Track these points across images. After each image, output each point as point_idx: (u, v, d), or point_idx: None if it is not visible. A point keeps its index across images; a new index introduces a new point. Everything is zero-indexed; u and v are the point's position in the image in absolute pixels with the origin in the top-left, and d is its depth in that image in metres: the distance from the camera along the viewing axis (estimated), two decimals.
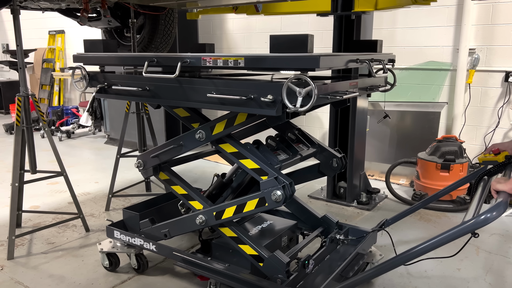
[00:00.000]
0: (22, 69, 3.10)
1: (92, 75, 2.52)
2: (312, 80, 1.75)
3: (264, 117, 2.11)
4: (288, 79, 1.80)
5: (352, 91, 2.21)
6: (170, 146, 2.48)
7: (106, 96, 2.57)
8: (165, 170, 2.63)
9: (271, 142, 2.59)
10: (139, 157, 2.67)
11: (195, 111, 2.47)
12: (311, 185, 4.72)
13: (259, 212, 2.29)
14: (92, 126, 7.51)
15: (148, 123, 4.10)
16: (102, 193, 4.47)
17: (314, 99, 1.75)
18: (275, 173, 2.14)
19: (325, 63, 1.81)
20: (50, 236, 3.42)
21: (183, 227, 2.62)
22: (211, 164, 5.60)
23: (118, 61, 2.51)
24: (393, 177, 4.66)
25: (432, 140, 4.40)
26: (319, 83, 1.89)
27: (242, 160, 2.25)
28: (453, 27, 4.74)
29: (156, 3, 3.79)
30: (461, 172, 4.03)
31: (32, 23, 9.02)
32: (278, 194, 2.08)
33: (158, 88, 2.28)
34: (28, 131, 3.20)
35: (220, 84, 2.06)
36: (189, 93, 2.16)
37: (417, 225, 3.68)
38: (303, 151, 2.63)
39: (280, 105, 1.87)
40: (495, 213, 1.52)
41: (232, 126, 2.23)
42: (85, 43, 2.63)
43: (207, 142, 2.34)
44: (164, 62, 2.21)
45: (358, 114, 4.07)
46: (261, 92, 1.91)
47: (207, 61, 2.06)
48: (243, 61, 1.95)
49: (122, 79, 2.46)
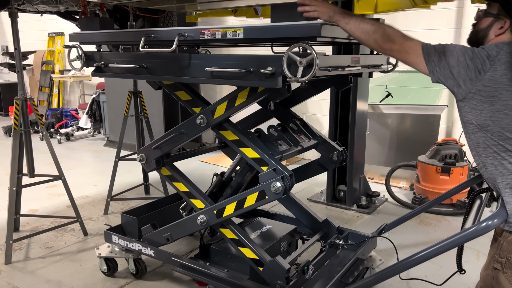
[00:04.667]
0: (20, 72, 3.09)
1: (88, 54, 2.47)
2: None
3: (266, 94, 2.03)
4: (289, 48, 1.74)
5: (354, 65, 2.17)
6: (172, 134, 2.41)
7: (103, 75, 2.50)
8: (167, 165, 2.57)
9: (272, 131, 2.54)
10: (140, 151, 2.60)
11: (196, 95, 2.40)
12: (311, 188, 4.70)
13: (259, 206, 2.25)
14: (91, 128, 7.49)
15: (146, 126, 4.08)
16: (101, 196, 4.45)
17: (315, 69, 1.69)
18: (275, 163, 2.09)
19: (327, 31, 1.75)
20: (48, 240, 3.40)
21: (185, 229, 2.58)
22: (210, 167, 5.58)
23: (114, 37, 2.44)
24: (393, 180, 4.65)
25: (432, 143, 4.38)
26: (320, 53, 1.83)
27: (242, 148, 2.21)
28: (453, 29, 4.73)
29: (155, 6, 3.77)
30: (462, 176, 4.01)
31: (31, 25, 9.00)
32: (278, 186, 2.04)
33: (156, 64, 2.22)
34: (26, 135, 3.19)
35: (218, 58, 2.02)
36: (187, 68, 2.11)
37: (417, 229, 3.66)
38: (304, 142, 2.60)
39: (280, 77, 1.82)
40: (497, 220, 1.51)
41: (233, 107, 2.16)
42: (81, 21, 2.57)
43: (209, 127, 2.27)
44: (162, 36, 2.14)
45: (358, 116, 4.06)
46: (261, 64, 1.86)
47: (205, 34, 2.00)
48: (242, 32, 1.89)
49: (119, 57, 2.41)
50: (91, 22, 2.53)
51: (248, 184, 2.70)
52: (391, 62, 2.68)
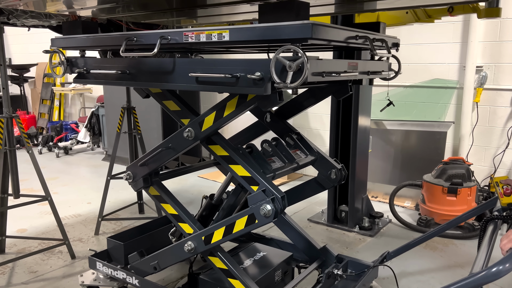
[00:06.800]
0: (6, 89, 2.98)
1: (70, 59, 2.35)
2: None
3: (255, 102, 1.88)
4: (277, 51, 1.60)
5: (350, 71, 2.01)
6: (158, 149, 2.26)
7: (86, 82, 2.38)
8: (156, 185, 2.42)
9: (266, 147, 2.36)
10: (127, 169, 2.44)
11: (185, 105, 2.24)
12: (311, 208, 4.52)
13: (250, 231, 2.08)
14: (90, 142, 7.39)
15: (140, 143, 3.94)
16: (93, 215, 4.30)
17: (305, 74, 1.55)
18: (266, 183, 1.94)
19: (319, 33, 1.60)
20: (33, 264, 3.25)
21: (172, 257, 2.41)
22: (208, 183, 5.42)
23: (95, 42, 2.31)
24: (398, 199, 4.46)
25: (438, 161, 4.20)
26: (312, 57, 1.69)
27: (232, 165, 2.05)
28: (459, 43, 4.57)
29: (150, 20, 3.66)
30: (469, 197, 3.82)
31: (34, 37, 8.98)
32: (268, 209, 1.88)
33: (138, 70, 2.09)
34: (11, 154, 3.05)
35: (203, 63, 1.88)
36: (170, 73, 1.97)
37: (422, 254, 3.46)
38: (300, 159, 2.43)
39: (269, 83, 1.68)
40: (508, 265, 1.33)
41: (222, 117, 2.00)
42: (64, 25, 2.46)
43: (197, 141, 2.11)
44: (144, 40, 2.01)
45: (360, 132, 3.89)
46: (248, 69, 1.72)
47: (189, 37, 1.86)
48: (228, 34, 1.75)
49: (101, 63, 2.30)
50: (74, 26, 2.41)
51: (242, 206, 2.54)
52: (393, 69, 2.51)
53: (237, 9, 2.73)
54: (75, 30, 2.41)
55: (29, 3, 2.57)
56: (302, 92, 2.64)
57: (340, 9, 3.08)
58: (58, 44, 2.40)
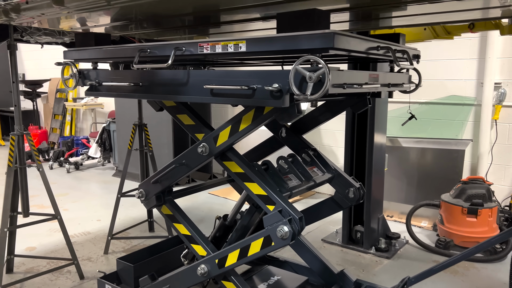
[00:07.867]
0: (18, 107, 2.95)
1: (82, 72, 2.31)
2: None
3: (273, 115, 1.81)
4: (297, 61, 1.53)
5: (372, 83, 1.94)
6: (172, 166, 2.19)
7: (98, 94, 2.34)
8: (169, 203, 2.34)
9: (282, 163, 2.27)
10: (140, 186, 2.37)
11: (200, 119, 2.18)
12: (325, 227, 4.40)
13: (266, 253, 1.98)
14: (101, 157, 7.37)
15: (151, 160, 3.88)
16: (103, 233, 4.23)
17: (327, 85, 1.47)
18: (283, 203, 1.86)
19: (340, 42, 1.53)
20: (41, 284, 3.17)
21: (185, 281, 2.31)
22: (219, 201, 5.34)
23: (108, 54, 2.26)
24: (414, 218, 4.32)
25: (456, 180, 4.07)
26: (334, 68, 1.62)
27: (247, 183, 1.97)
28: (477, 60, 4.47)
29: (163, 37, 3.65)
30: (490, 218, 3.68)
31: (47, 53, 9.07)
32: (285, 230, 1.79)
33: (151, 82, 2.04)
34: (21, 172, 3.01)
35: (219, 74, 1.82)
36: (185, 85, 1.91)
37: (442, 278, 3.31)
38: (317, 177, 2.34)
39: (288, 95, 1.60)
40: None
41: (237, 132, 1.93)
42: (76, 37, 2.43)
43: (211, 157, 2.04)
44: (158, 51, 1.96)
45: (376, 151, 3.79)
46: (265, 80, 1.65)
47: (204, 48, 1.80)
48: (245, 44, 1.69)
49: (113, 75, 2.24)
50: (86, 38, 2.37)
51: (256, 227, 2.44)
52: (413, 81, 2.43)
53: (250, 26, 2.69)
54: (87, 42, 2.38)
55: (43, 20, 2.55)
56: (318, 105, 2.56)
57: (355, 26, 3.02)
58: (71, 56, 2.38)
